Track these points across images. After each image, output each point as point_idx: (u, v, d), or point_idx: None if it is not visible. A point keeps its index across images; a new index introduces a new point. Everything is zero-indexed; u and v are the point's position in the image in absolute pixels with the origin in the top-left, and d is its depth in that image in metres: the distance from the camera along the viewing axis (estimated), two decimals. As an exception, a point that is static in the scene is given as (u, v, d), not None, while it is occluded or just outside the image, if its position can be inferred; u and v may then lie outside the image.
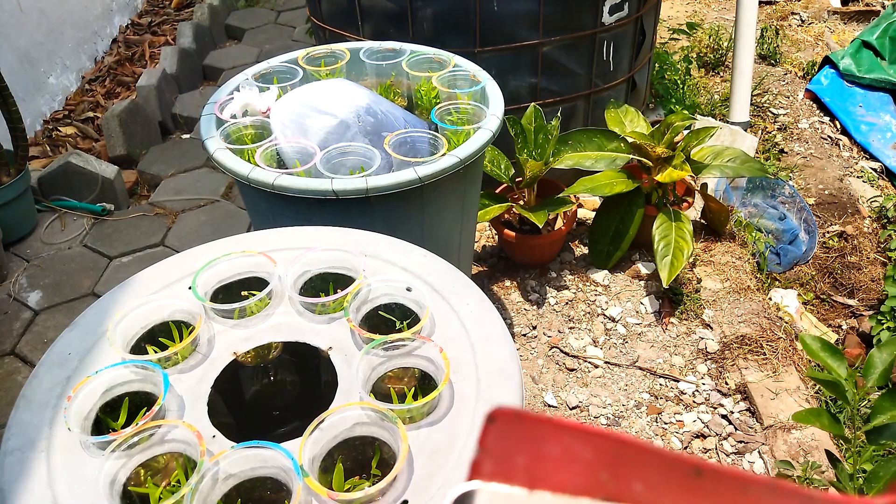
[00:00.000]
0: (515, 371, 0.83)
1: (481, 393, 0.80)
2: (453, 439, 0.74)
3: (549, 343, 1.97)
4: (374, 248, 1.03)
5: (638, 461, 0.27)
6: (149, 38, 3.73)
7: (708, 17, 3.97)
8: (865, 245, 2.48)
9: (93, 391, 0.79)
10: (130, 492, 0.73)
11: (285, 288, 0.96)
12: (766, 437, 1.69)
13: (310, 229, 1.06)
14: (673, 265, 1.89)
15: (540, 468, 0.27)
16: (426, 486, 0.69)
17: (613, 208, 2.12)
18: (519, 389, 0.81)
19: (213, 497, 0.70)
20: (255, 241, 1.04)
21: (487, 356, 0.85)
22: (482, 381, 0.81)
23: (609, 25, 2.14)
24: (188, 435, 0.74)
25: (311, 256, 0.99)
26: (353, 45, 1.59)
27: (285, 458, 0.70)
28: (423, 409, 0.79)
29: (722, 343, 1.95)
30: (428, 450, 0.74)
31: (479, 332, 0.88)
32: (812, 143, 2.96)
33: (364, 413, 0.77)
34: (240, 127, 1.35)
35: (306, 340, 0.90)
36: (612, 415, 1.79)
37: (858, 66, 3.16)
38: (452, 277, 0.98)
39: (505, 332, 0.89)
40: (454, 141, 1.32)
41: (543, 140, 1.97)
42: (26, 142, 2.33)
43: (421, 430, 0.76)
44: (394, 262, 1.00)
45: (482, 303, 0.93)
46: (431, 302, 0.92)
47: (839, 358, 1.15)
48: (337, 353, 0.88)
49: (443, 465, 0.71)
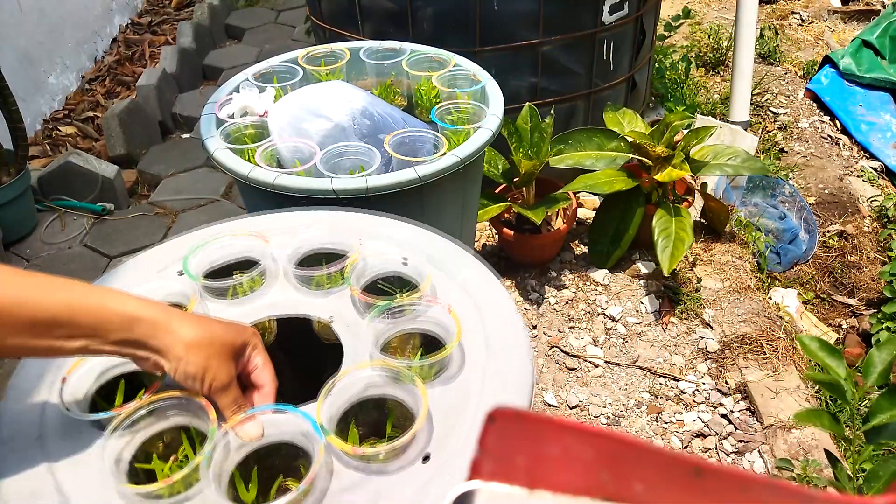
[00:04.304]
0: (522, 327, 0.83)
1: (491, 350, 0.80)
2: (467, 396, 0.75)
3: (549, 342, 1.97)
4: (367, 224, 1.02)
5: (638, 461, 0.27)
6: (149, 38, 3.73)
7: (708, 16, 3.97)
8: (866, 244, 2.48)
9: (87, 373, 0.77)
10: (138, 469, 0.71)
11: (280, 266, 0.95)
12: (766, 437, 1.69)
13: (301, 211, 1.05)
14: (673, 255, 1.89)
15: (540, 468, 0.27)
16: (446, 442, 0.69)
17: (613, 208, 2.12)
18: (526, 344, 0.81)
19: (228, 466, 0.68)
20: (245, 224, 1.03)
21: (492, 316, 0.85)
22: (490, 339, 0.81)
23: (609, 25, 2.14)
24: (195, 406, 0.72)
25: (304, 236, 0.97)
26: (353, 45, 1.59)
27: (302, 421, 0.69)
28: (436, 367, 0.78)
29: (722, 342, 1.95)
30: (444, 407, 0.74)
31: (481, 294, 0.88)
32: (812, 142, 2.96)
33: (376, 374, 0.76)
34: (240, 127, 1.35)
35: (306, 313, 0.89)
36: (613, 414, 1.79)
37: (858, 65, 3.16)
38: (448, 247, 0.98)
39: (506, 294, 0.89)
40: (454, 140, 1.32)
41: (539, 139, 1.97)
42: (26, 141, 2.33)
43: (435, 388, 0.76)
44: (387, 237, 0.99)
45: (480, 268, 0.93)
46: (433, 275, 0.91)
47: (837, 357, 1.15)
48: (339, 323, 0.86)
49: (459, 421, 0.72)
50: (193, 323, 0.70)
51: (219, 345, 0.70)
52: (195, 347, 0.69)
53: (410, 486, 0.65)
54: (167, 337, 0.68)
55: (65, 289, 0.66)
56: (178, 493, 0.66)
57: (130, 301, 0.69)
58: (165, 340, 0.68)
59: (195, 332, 0.69)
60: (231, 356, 0.71)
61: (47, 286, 0.66)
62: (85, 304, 0.66)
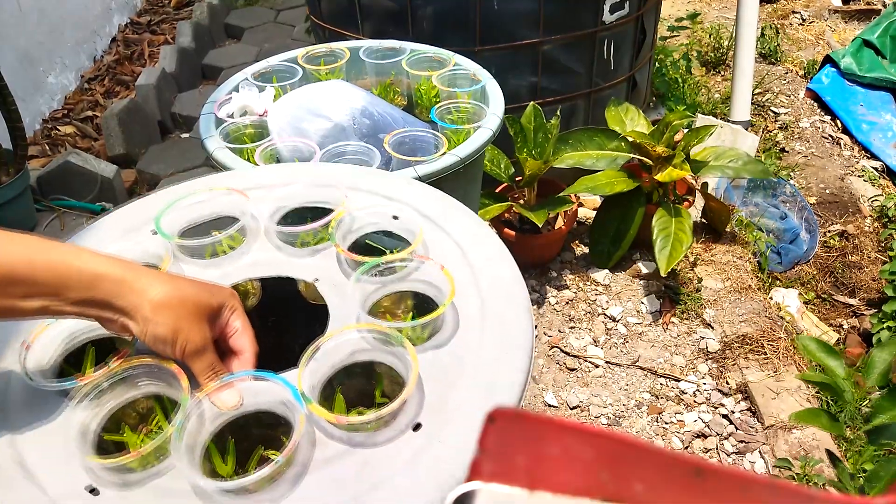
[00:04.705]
0: (520, 287, 0.78)
1: (486, 311, 0.74)
2: (461, 360, 0.69)
3: (549, 343, 1.97)
4: (354, 179, 0.96)
5: (638, 461, 0.27)
6: (148, 38, 3.73)
7: (709, 15, 3.97)
8: (866, 244, 2.48)
9: (54, 339, 0.72)
10: (106, 441, 0.65)
11: (261, 223, 0.88)
12: (766, 437, 1.69)
13: (282, 166, 0.99)
14: (671, 255, 1.89)
15: (540, 468, 0.27)
16: (439, 409, 0.65)
17: (614, 208, 2.12)
18: (525, 304, 0.76)
19: (202, 437, 0.63)
20: (223, 180, 0.97)
21: (489, 275, 0.79)
22: (486, 300, 0.75)
23: (610, 24, 2.14)
24: (167, 373, 0.66)
25: (286, 191, 0.91)
26: (352, 44, 1.59)
27: (282, 388, 0.63)
28: (429, 329, 0.73)
29: (723, 342, 1.94)
30: (436, 372, 0.68)
31: (477, 252, 0.82)
32: (813, 142, 2.96)
33: (363, 337, 0.70)
34: (239, 126, 1.35)
35: (289, 274, 0.82)
36: (613, 415, 1.79)
37: (859, 65, 3.16)
38: (443, 202, 0.91)
39: (505, 252, 0.83)
40: (454, 140, 1.32)
41: (543, 139, 1.97)
42: (25, 141, 2.33)
43: (426, 353, 0.71)
44: (377, 192, 0.93)
45: (479, 225, 0.87)
46: (422, 225, 0.86)
47: (836, 358, 1.15)
48: (324, 284, 0.80)
49: (453, 386, 0.67)
50: (163, 281, 0.64)
51: (191, 305, 0.65)
52: (165, 308, 0.63)
53: (400, 457, 0.61)
54: (134, 296, 0.63)
55: (23, 243, 0.62)
56: (151, 466, 0.61)
57: (95, 258, 0.63)
58: (132, 300, 0.63)
59: (165, 292, 0.63)
60: (205, 318, 0.66)
61: (3, 240, 0.61)
62: (45, 259, 0.61)
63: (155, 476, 0.61)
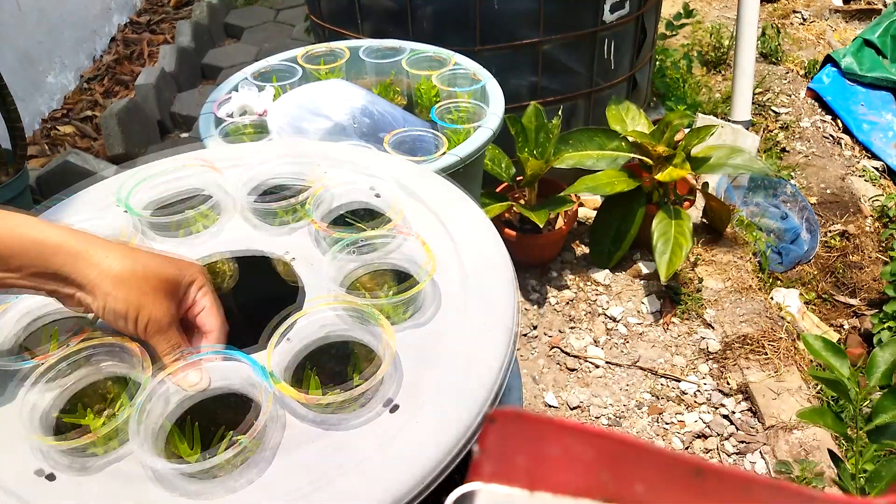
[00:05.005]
0: (504, 262, 0.75)
1: (469, 287, 0.71)
2: (442, 339, 0.66)
3: (549, 343, 1.97)
4: (332, 153, 0.93)
5: (639, 461, 0.26)
6: (147, 37, 3.73)
7: (709, 15, 3.97)
8: (867, 244, 2.47)
9: (12, 320, 0.69)
10: (66, 424, 0.62)
11: (236, 200, 0.85)
12: (767, 438, 1.69)
13: (260, 143, 0.96)
14: (671, 261, 1.89)
15: (540, 469, 0.26)
16: (416, 389, 0.62)
17: (614, 208, 2.12)
18: (509, 279, 0.73)
19: (164, 420, 0.60)
20: (196, 156, 0.94)
21: (471, 249, 0.76)
22: (469, 275, 0.73)
23: (610, 24, 2.14)
24: (128, 353, 0.63)
25: (261, 168, 0.88)
26: (352, 44, 1.59)
27: (250, 368, 0.60)
28: (408, 307, 0.69)
29: (723, 343, 1.94)
30: (415, 351, 0.65)
31: (459, 226, 0.79)
32: (814, 141, 2.96)
33: (337, 315, 0.66)
34: (238, 126, 1.35)
35: (263, 251, 0.79)
36: (614, 415, 1.78)
37: (860, 64, 3.16)
38: (425, 176, 0.88)
39: (489, 225, 0.80)
40: (454, 140, 1.32)
41: (544, 139, 1.96)
42: (24, 141, 2.33)
43: (405, 331, 0.68)
44: (355, 166, 0.90)
45: (462, 199, 0.84)
46: (405, 204, 0.82)
47: (842, 357, 1.15)
48: (301, 262, 0.76)
49: (433, 365, 0.64)
50: (123, 254, 0.61)
51: (153, 279, 0.61)
52: (124, 281, 0.59)
53: (375, 438, 0.58)
54: (91, 269, 0.59)
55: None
56: (111, 450, 0.58)
57: (51, 229, 0.59)
58: (89, 273, 0.59)
59: (124, 264, 0.59)
60: (168, 293, 0.62)
61: None
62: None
63: (115, 460, 0.58)
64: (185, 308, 0.65)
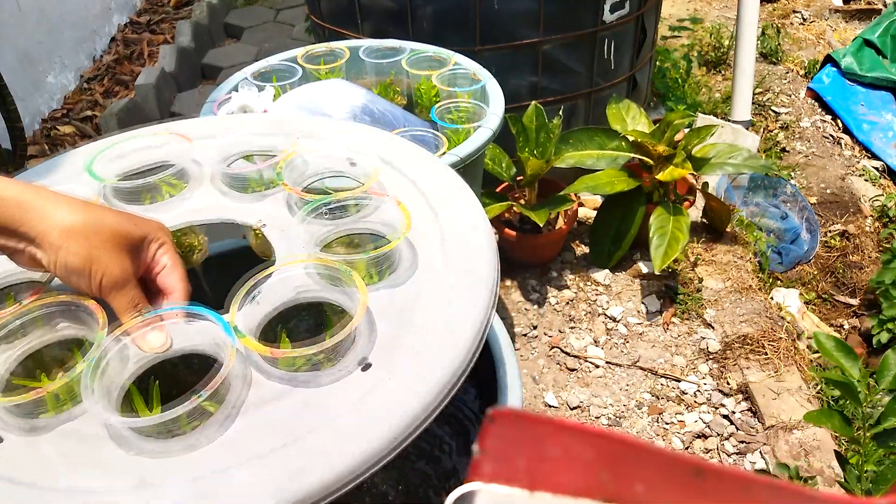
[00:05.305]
0: (484, 224, 0.73)
1: (449, 250, 0.70)
2: (419, 299, 0.65)
3: (549, 343, 1.97)
4: (307, 125, 0.90)
5: (639, 461, 0.26)
6: (147, 37, 3.73)
7: (709, 15, 3.97)
8: (867, 244, 2.47)
9: None
10: (17, 386, 0.59)
11: (205, 169, 0.83)
12: (767, 438, 1.69)
13: (234, 115, 0.94)
14: (666, 253, 1.89)
15: (540, 469, 0.26)
16: (391, 348, 0.60)
17: (614, 207, 2.12)
18: (489, 241, 0.71)
19: (122, 380, 0.56)
20: (167, 128, 0.92)
21: (450, 214, 0.74)
22: (448, 239, 0.71)
23: (610, 24, 2.14)
24: (85, 313, 0.59)
25: (232, 138, 0.85)
26: (352, 44, 1.59)
27: (215, 328, 0.57)
28: (384, 267, 0.68)
29: (723, 343, 1.94)
30: (391, 312, 0.64)
31: (438, 193, 0.78)
32: (814, 141, 2.96)
33: (308, 275, 0.64)
34: (239, 125, 1.35)
35: (233, 218, 0.76)
36: (613, 415, 1.78)
37: (860, 64, 3.15)
38: (404, 147, 0.87)
39: (468, 190, 0.78)
40: (454, 140, 1.32)
41: (545, 139, 1.96)
42: (25, 141, 2.33)
43: (380, 291, 0.66)
44: (333, 138, 0.87)
45: (439, 166, 0.83)
46: (386, 175, 0.80)
47: (853, 358, 1.13)
48: (272, 229, 0.74)
49: (408, 325, 0.62)
50: (75, 206, 0.57)
51: (108, 233, 0.57)
52: (76, 234, 0.56)
53: (346, 397, 0.56)
54: (40, 221, 0.55)
55: None
56: (64, 409, 0.55)
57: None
58: (38, 225, 0.55)
59: (76, 217, 0.56)
60: (125, 249, 0.58)
61: None
62: None
63: (67, 420, 0.55)
64: (145, 267, 0.61)
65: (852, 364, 1.12)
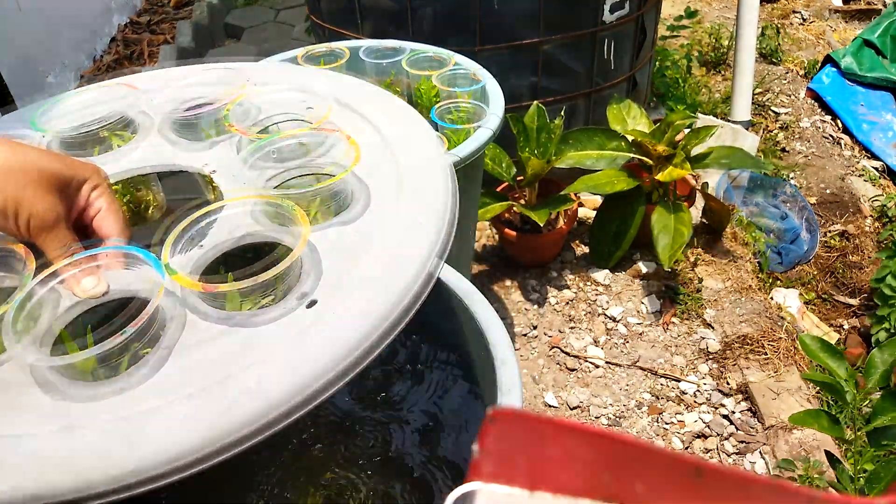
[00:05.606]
0: (441, 160, 0.71)
1: (403, 188, 0.68)
2: (369, 237, 0.63)
3: (549, 343, 1.97)
4: (261, 72, 0.87)
5: (639, 461, 0.26)
6: (147, 37, 3.73)
7: (709, 15, 3.97)
8: (867, 244, 2.48)
9: None
10: None
11: (155, 120, 0.81)
12: (767, 437, 1.69)
13: (185, 66, 0.93)
14: (672, 248, 1.89)
15: (541, 469, 0.27)
16: (338, 286, 0.58)
17: (614, 207, 2.12)
18: (447, 176, 0.69)
19: (51, 325, 0.54)
20: (117, 81, 0.89)
21: (407, 151, 0.73)
22: (405, 176, 0.69)
23: (610, 24, 2.14)
24: (14, 259, 0.56)
25: (181, 84, 0.83)
26: (352, 44, 1.59)
27: (155, 272, 0.54)
28: (332, 203, 0.65)
29: (723, 343, 1.94)
30: (340, 249, 0.62)
31: (396, 132, 0.75)
32: (813, 141, 2.96)
33: (250, 211, 0.61)
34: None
35: (180, 164, 0.74)
36: (613, 415, 1.78)
37: (860, 64, 3.16)
38: (362, 88, 0.84)
39: (426, 126, 0.76)
40: (454, 140, 1.32)
41: (546, 139, 1.96)
42: (26, 141, 2.33)
43: (330, 230, 0.64)
44: (289, 83, 0.85)
45: (398, 104, 0.80)
46: (337, 113, 0.77)
47: (839, 359, 1.14)
48: (221, 175, 0.71)
49: (357, 263, 0.60)
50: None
51: (33, 172, 0.54)
52: (0, 174, 0.53)
53: (285, 334, 0.54)
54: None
55: None
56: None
57: None
58: None
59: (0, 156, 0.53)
60: (54, 188, 0.55)
61: None
62: None
63: None
64: (79, 210, 0.58)
65: (838, 364, 1.12)
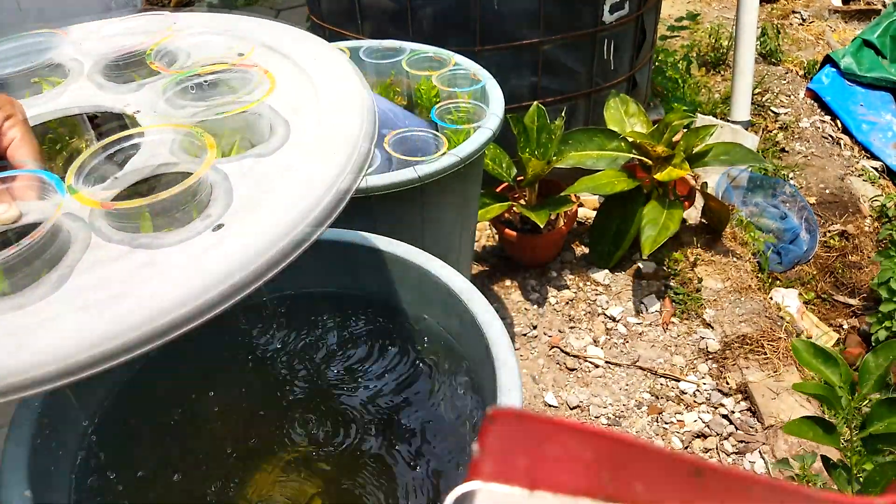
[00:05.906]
0: (362, 95, 0.72)
1: (322, 121, 0.70)
2: (285, 169, 0.64)
3: (549, 343, 1.97)
4: (194, 19, 0.88)
5: (638, 461, 0.27)
6: (149, 38, 3.73)
7: (709, 15, 3.97)
8: (866, 244, 2.48)
9: None
10: None
11: (84, 66, 0.81)
12: (766, 437, 1.69)
13: (116, 18, 0.95)
14: (655, 238, 1.90)
15: (540, 468, 0.27)
16: (248, 211, 0.59)
17: (614, 208, 2.12)
18: (367, 108, 0.71)
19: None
20: (50, 28, 0.89)
21: (331, 92, 0.74)
22: (324, 112, 0.71)
23: (610, 24, 2.14)
24: None
25: (108, 30, 0.84)
26: (352, 44, 1.59)
27: (47, 182, 0.53)
28: (246, 134, 0.66)
29: (723, 343, 1.94)
30: (253, 178, 0.63)
31: (323, 75, 0.76)
32: (813, 142, 2.96)
33: (160, 140, 0.61)
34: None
35: (105, 105, 0.74)
36: (613, 415, 1.79)
37: (859, 65, 3.16)
38: (290, 32, 0.85)
39: (351, 67, 0.77)
40: (454, 140, 1.32)
41: (546, 139, 1.97)
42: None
43: (245, 160, 0.65)
44: (223, 31, 0.86)
45: (325, 48, 0.82)
46: (268, 59, 0.77)
47: (833, 364, 1.12)
48: (145, 115, 0.72)
49: (270, 191, 0.61)
50: None
51: None
52: None
53: (187, 253, 0.55)
54: None
55: None
56: None
57: None
58: None
59: None
60: None
61: None
62: None
63: None
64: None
65: (832, 370, 1.11)
